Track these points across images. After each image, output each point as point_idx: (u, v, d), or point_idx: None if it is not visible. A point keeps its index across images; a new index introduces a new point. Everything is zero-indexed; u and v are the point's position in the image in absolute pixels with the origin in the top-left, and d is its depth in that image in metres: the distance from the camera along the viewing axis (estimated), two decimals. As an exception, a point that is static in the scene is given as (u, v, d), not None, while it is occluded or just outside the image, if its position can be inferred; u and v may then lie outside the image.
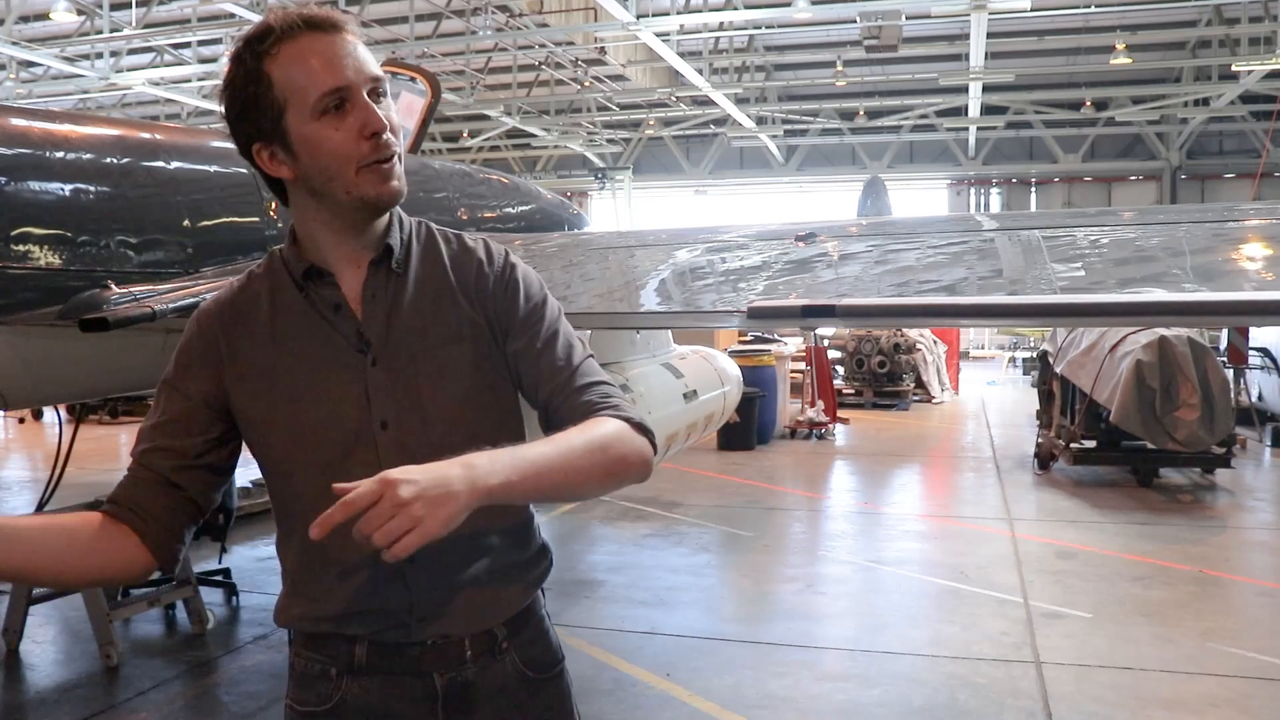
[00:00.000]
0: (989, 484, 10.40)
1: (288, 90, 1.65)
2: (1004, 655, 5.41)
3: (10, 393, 4.94)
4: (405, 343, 1.76)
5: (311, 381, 1.75)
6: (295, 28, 1.66)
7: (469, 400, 1.78)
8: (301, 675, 1.81)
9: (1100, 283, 2.79)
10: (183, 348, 1.82)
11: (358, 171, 1.66)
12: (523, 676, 1.83)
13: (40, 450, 12.98)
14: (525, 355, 1.80)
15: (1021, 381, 21.66)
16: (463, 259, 1.85)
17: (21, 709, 4.94)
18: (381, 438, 1.73)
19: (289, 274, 1.79)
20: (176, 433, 1.78)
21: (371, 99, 1.67)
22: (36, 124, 5.19)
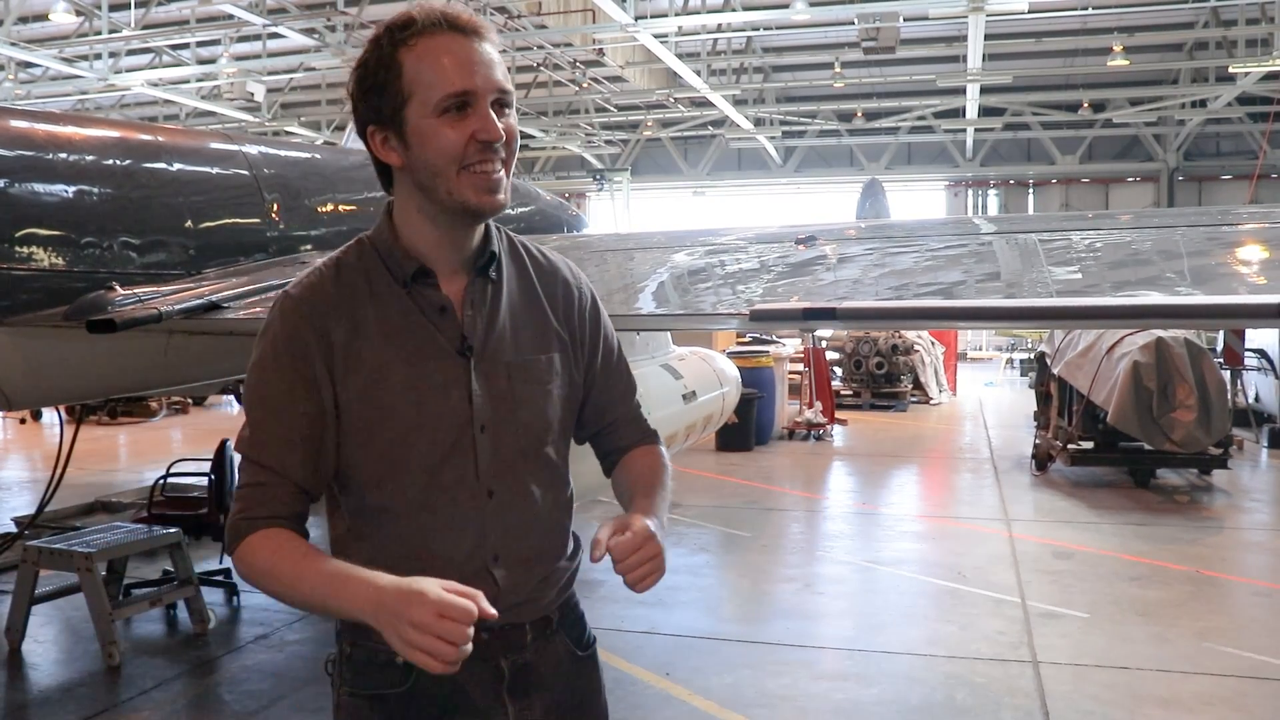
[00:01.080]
0: (986, 484, 10.43)
1: (416, 82, 1.70)
2: (1001, 655, 5.44)
3: (14, 393, 4.97)
4: (501, 349, 1.84)
5: (418, 383, 1.77)
6: (438, 24, 1.70)
7: (552, 408, 1.90)
8: (365, 663, 1.83)
9: (1097, 285, 2.82)
10: (294, 344, 1.76)
11: (459, 173, 1.71)
12: (571, 655, 1.96)
13: (40, 450, 12.99)
14: (601, 378, 2.00)
15: (1019, 383, 21.69)
16: (549, 273, 1.96)
17: (25, 708, 4.97)
18: (480, 441, 1.80)
19: (386, 267, 1.81)
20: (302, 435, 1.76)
21: (495, 109, 1.72)
22: (39, 126, 5.22)
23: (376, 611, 1.57)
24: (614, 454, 2.08)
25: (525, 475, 1.85)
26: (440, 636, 1.50)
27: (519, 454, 1.84)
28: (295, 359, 1.75)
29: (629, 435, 2.07)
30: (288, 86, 23.64)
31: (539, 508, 1.88)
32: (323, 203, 6.05)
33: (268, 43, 19.48)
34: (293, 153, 6.24)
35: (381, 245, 1.82)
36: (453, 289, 1.81)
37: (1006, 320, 4.41)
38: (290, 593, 1.70)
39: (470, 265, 1.83)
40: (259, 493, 1.75)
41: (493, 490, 1.81)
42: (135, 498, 8.65)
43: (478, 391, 1.79)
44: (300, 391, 1.75)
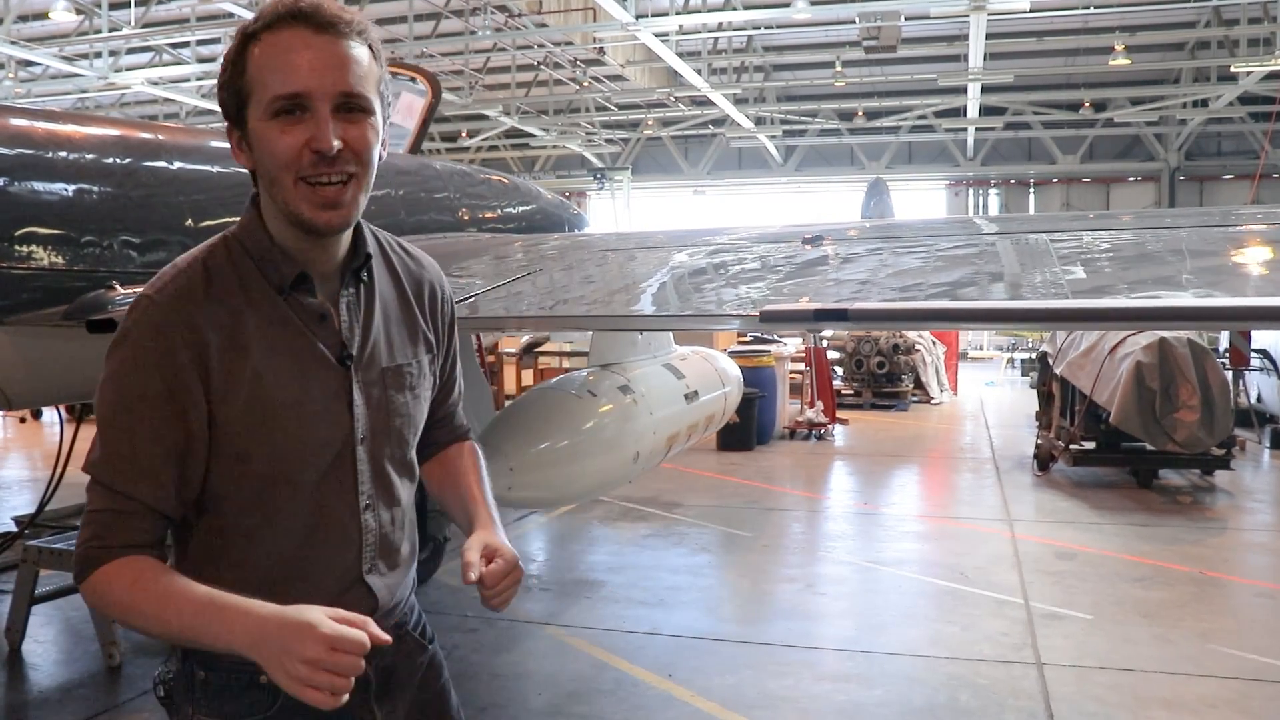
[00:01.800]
0: (988, 485, 10.41)
1: (255, 81, 1.57)
2: (1004, 656, 5.42)
3: (13, 393, 4.95)
4: (377, 356, 1.76)
5: (300, 396, 1.66)
6: (285, 17, 1.56)
7: (420, 412, 1.87)
8: (222, 688, 1.71)
9: (1109, 286, 2.80)
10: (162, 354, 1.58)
11: (295, 184, 1.57)
12: (422, 650, 1.95)
13: (39, 450, 12.97)
14: (448, 379, 2.00)
15: (1020, 382, 21.67)
16: (415, 271, 1.90)
17: (24, 708, 4.94)
18: (359, 454, 1.74)
19: (260, 271, 1.66)
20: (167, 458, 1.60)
21: (340, 114, 1.57)
22: (38, 124, 5.19)
23: (257, 645, 1.45)
24: (432, 448, 2.03)
25: (395, 482, 1.81)
26: (332, 671, 1.42)
27: (392, 462, 1.80)
28: (162, 372, 1.57)
29: (449, 431, 2.06)
30: (288, 85, 23.58)
31: (404, 511, 1.86)
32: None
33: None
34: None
35: (253, 246, 1.66)
36: (328, 294, 1.71)
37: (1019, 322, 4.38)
38: (153, 625, 1.55)
39: (343, 268, 1.73)
40: (113, 520, 1.58)
41: (369, 503, 1.76)
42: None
43: (358, 403, 1.72)
44: (165, 409, 1.57)
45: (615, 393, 5.43)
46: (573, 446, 5.08)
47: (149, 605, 1.54)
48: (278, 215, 1.64)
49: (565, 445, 5.03)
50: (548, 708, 4.80)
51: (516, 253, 5.39)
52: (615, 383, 5.49)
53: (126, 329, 1.62)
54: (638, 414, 5.48)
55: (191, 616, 1.51)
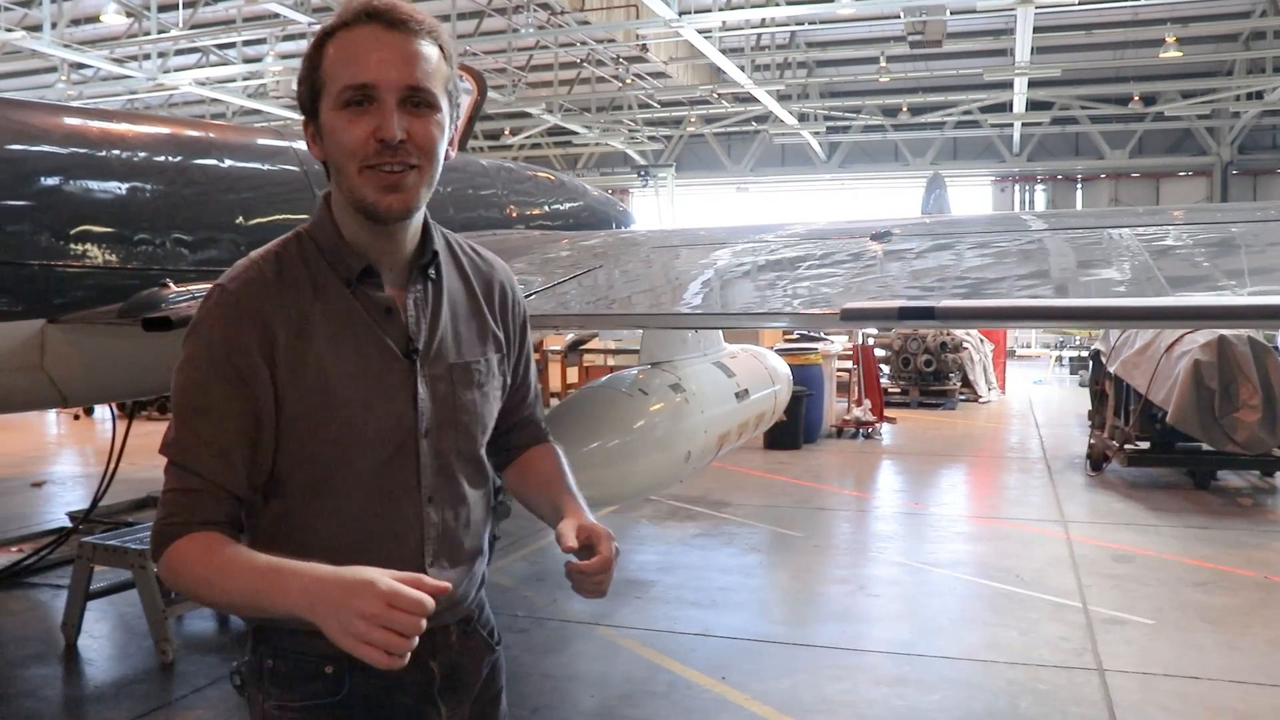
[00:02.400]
0: (1040, 485, 10.25)
1: (327, 75, 1.65)
2: (1065, 661, 5.30)
3: (69, 390, 4.97)
4: (444, 352, 1.80)
5: (363, 386, 1.71)
6: (356, 17, 1.65)
7: (487, 410, 1.89)
8: (289, 675, 1.76)
9: (1197, 282, 2.69)
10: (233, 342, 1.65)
11: (360, 171, 1.63)
12: (488, 648, 1.97)
13: (91, 446, 13.12)
14: (521, 381, 2.02)
15: (1068, 381, 21.38)
16: (484, 272, 1.94)
17: (81, 703, 4.98)
18: (422, 446, 1.77)
19: (329, 264, 1.72)
20: (252, 455, 1.67)
21: (406, 107, 1.63)
22: (91, 123, 5.22)
23: (315, 603, 1.46)
24: (513, 451, 2.08)
25: (461, 478, 1.84)
26: (390, 628, 1.41)
27: (457, 456, 1.82)
28: (233, 357, 1.64)
29: (529, 434, 2.08)
30: (332, 84, 23.73)
31: (470, 508, 1.87)
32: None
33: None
34: (343, 149, 6.19)
35: (323, 240, 1.73)
36: (396, 289, 1.76)
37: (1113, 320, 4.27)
38: (219, 595, 1.60)
39: (411, 264, 1.78)
40: (188, 499, 1.64)
41: (432, 495, 1.79)
42: (185, 494, 8.67)
43: (423, 396, 1.75)
44: (237, 393, 1.64)
45: (666, 391, 5.37)
46: (624, 445, 5.03)
47: (214, 575, 1.59)
48: (346, 208, 1.71)
49: (616, 444, 4.98)
50: (599, 710, 4.75)
51: (566, 250, 5.35)
52: (666, 381, 5.43)
53: (200, 317, 1.69)
54: (689, 413, 5.41)
55: (253, 582, 1.55)
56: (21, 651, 5.51)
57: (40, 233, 4.59)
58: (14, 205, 4.55)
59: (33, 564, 6.83)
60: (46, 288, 4.59)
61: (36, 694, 4.98)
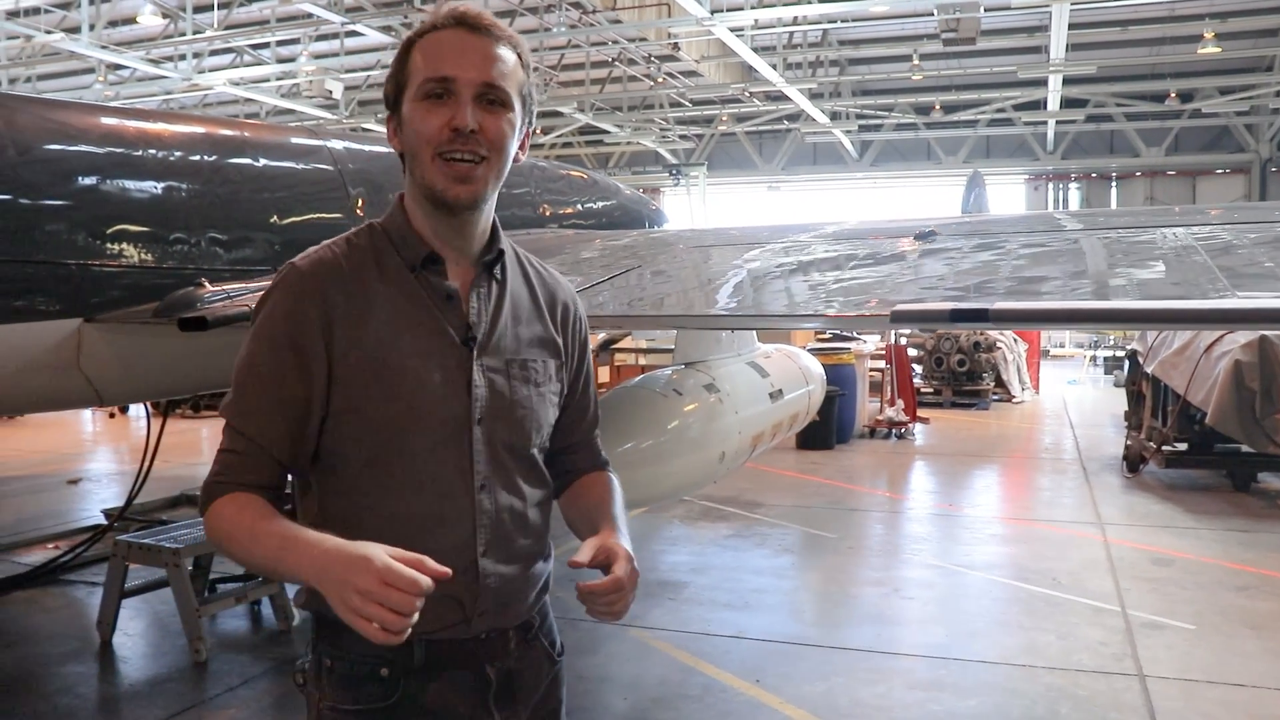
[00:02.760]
0: (1075, 486, 10.13)
1: (411, 71, 1.76)
2: (1104, 666, 5.22)
3: (105, 389, 5.00)
4: (501, 346, 1.85)
5: (419, 367, 1.76)
6: (447, 21, 1.77)
7: (544, 410, 1.91)
8: (345, 677, 1.81)
9: (1263, 281, 2.61)
10: (292, 313, 1.74)
11: (433, 159, 1.73)
12: (549, 659, 1.97)
13: (126, 444, 13.24)
14: (579, 399, 2.04)
15: (1102, 381, 21.17)
16: (549, 283, 2.00)
17: (116, 701, 5.00)
18: (476, 432, 1.80)
19: (397, 251, 1.81)
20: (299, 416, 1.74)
21: (481, 103, 1.73)
22: (128, 123, 5.25)
23: (320, 576, 1.52)
24: (569, 475, 2.07)
25: (514, 472, 1.86)
26: (384, 605, 1.45)
27: (509, 451, 1.85)
28: (292, 331, 1.73)
29: (587, 459, 2.09)
30: (365, 84, 23.85)
31: (525, 506, 1.88)
32: (407, 198, 6.01)
33: (345, 41, 19.71)
34: (376, 147, 6.21)
35: (393, 229, 1.83)
36: (459, 279, 1.83)
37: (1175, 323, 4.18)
38: (247, 555, 1.67)
39: (476, 260, 1.85)
40: (236, 459, 1.73)
41: (485, 484, 1.81)
42: (219, 492, 8.72)
43: (478, 383, 1.80)
44: (292, 364, 1.72)
45: (700, 391, 5.33)
46: (657, 446, 4.99)
47: (243, 537, 1.66)
48: (418, 198, 1.80)
49: (650, 445, 4.94)
50: (632, 712, 4.72)
51: (602, 249, 5.32)
52: (700, 381, 5.39)
53: (269, 291, 1.80)
54: (723, 413, 5.37)
55: (274, 549, 1.61)
56: (58, 648, 5.55)
57: (77, 232, 4.61)
58: (52, 205, 4.58)
59: (68, 561, 6.88)
60: (83, 287, 4.62)
61: (73, 691, 5.01)
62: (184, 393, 6.10)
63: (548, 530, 1.96)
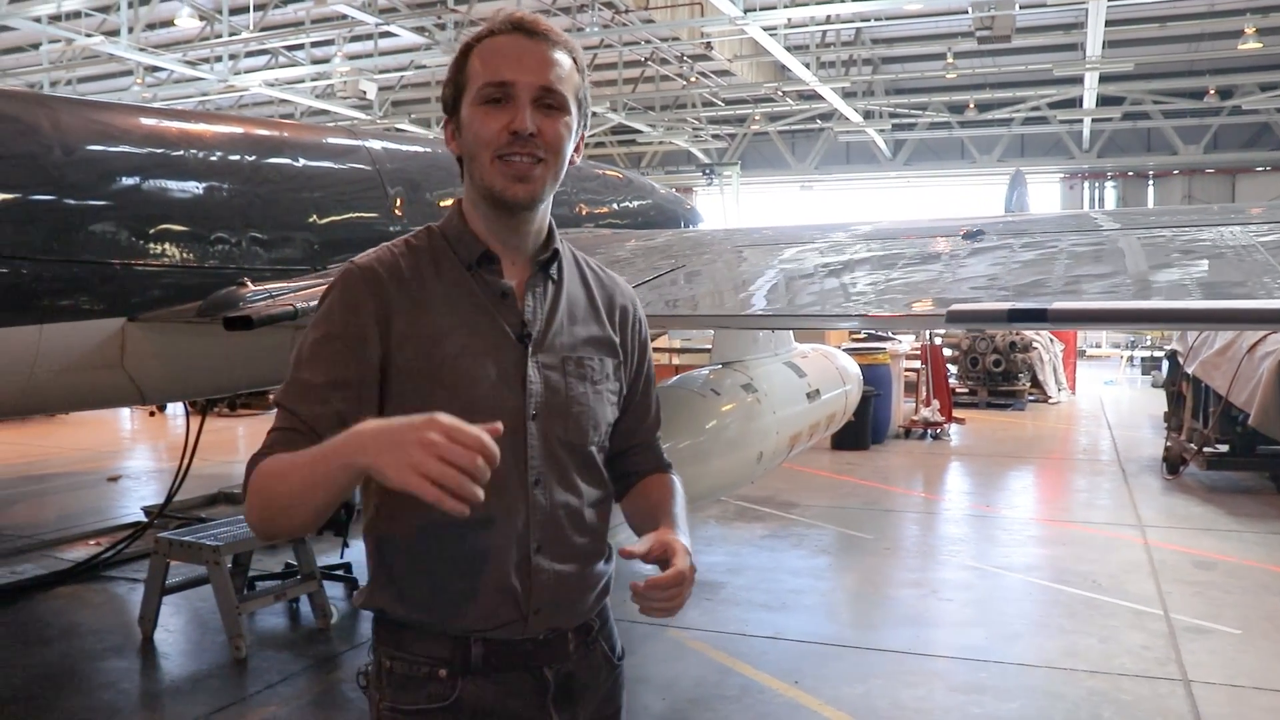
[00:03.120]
0: (1114, 488, 10.02)
1: (470, 76, 1.79)
2: (1148, 671, 5.16)
3: (148, 388, 5.04)
4: (557, 343, 1.86)
5: (473, 361, 1.78)
6: (505, 27, 1.80)
7: (601, 408, 1.91)
8: (404, 678, 1.81)
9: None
10: (349, 304, 1.77)
11: (492, 161, 1.75)
12: (609, 663, 1.97)
13: (164, 441, 13.37)
14: (640, 399, 2.04)
15: (1140, 381, 20.95)
16: (608, 286, 2.02)
17: (158, 696, 5.05)
18: (530, 427, 1.81)
19: (454, 251, 1.84)
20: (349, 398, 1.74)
21: (539, 106, 1.76)
22: (169, 124, 5.29)
23: (369, 442, 1.47)
24: (631, 477, 2.07)
25: (570, 470, 1.87)
26: (449, 460, 1.40)
27: (565, 447, 1.86)
28: (349, 324, 1.76)
29: (649, 461, 2.08)
30: (399, 84, 23.96)
31: (581, 504, 1.89)
32: (444, 196, 6.03)
33: (379, 41, 19.80)
34: (414, 147, 6.24)
35: (450, 230, 1.87)
36: (515, 278, 1.85)
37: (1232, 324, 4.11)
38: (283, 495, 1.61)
39: (532, 259, 1.88)
40: (283, 437, 1.71)
41: (539, 479, 1.82)
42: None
43: (533, 379, 1.81)
44: (344, 348, 1.75)
45: (738, 391, 5.32)
46: (695, 446, 4.98)
47: (275, 477, 1.63)
48: (476, 199, 1.84)
49: (688, 445, 4.93)
50: (670, 713, 4.72)
51: (637, 249, 5.31)
52: (738, 381, 5.38)
53: (331, 285, 1.83)
54: (761, 413, 5.36)
55: (314, 456, 1.56)
56: (101, 644, 5.61)
57: (121, 232, 4.66)
58: (96, 205, 4.62)
59: (110, 558, 6.95)
60: (127, 287, 4.66)
61: (115, 686, 5.06)
62: (224, 391, 6.15)
63: (607, 531, 1.96)
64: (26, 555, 7.26)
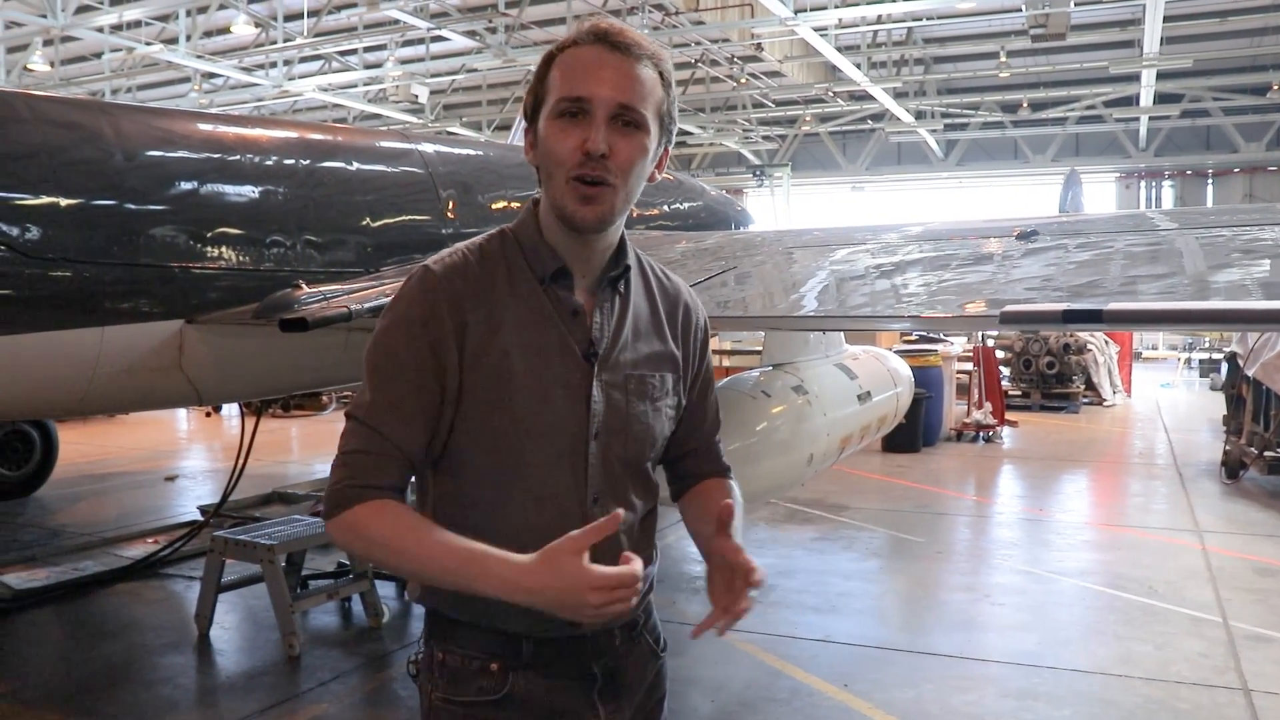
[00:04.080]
0: (1171, 492, 9.86)
1: (550, 86, 1.76)
2: (1205, 679, 5.07)
3: (204, 389, 5.13)
4: (621, 361, 1.86)
5: (541, 378, 1.78)
6: (584, 38, 1.76)
7: (659, 425, 1.93)
8: (456, 670, 1.84)
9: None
10: (428, 314, 1.76)
11: (566, 181, 1.72)
12: (653, 655, 2.00)
13: (219, 442, 13.57)
14: (696, 403, 2.03)
15: (1197, 384, 20.59)
16: (672, 295, 2.01)
17: (214, 692, 5.12)
18: (591, 447, 1.82)
19: (527, 262, 1.82)
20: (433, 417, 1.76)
21: (615, 125, 1.72)
22: (224, 129, 5.38)
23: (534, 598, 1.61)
24: (689, 479, 2.09)
25: (627, 486, 1.88)
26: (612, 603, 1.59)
27: (622, 464, 1.87)
28: (428, 333, 1.74)
29: (707, 464, 2.09)
30: (450, 88, 24.19)
31: (635, 518, 1.91)
32: (495, 199, 6.08)
33: (431, 46, 19.98)
34: (465, 150, 6.29)
35: (525, 239, 1.84)
36: (584, 294, 1.84)
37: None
38: (410, 564, 1.70)
39: (603, 275, 1.86)
40: (369, 461, 1.73)
41: (598, 497, 1.83)
42: (310, 489, 8.91)
43: (596, 399, 1.81)
44: (427, 367, 1.74)
45: (789, 393, 5.30)
46: (746, 448, 4.98)
47: (411, 546, 1.68)
48: (550, 212, 1.81)
49: (738, 447, 4.93)
50: (720, 715, 4.71)
51: (688, 251, 5.32)
52: (789, 383, 5.36)
53: (403, 292, 1.81)
54: (811, 415, 5.34)
55: (457, 565, 1.65)
56: (159, 639, 5.71)
57: (180, 236, 4.74)
58: (155, 209, 4.71)
59: (167, 555, 7.08)
60: (185, 289, 4.75)
61: (173, 681, 5.14)
62: (279, 393, 6.23)
63: (654, 537, 1.99)
64: (88, 552, 7.40)
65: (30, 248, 4.33)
